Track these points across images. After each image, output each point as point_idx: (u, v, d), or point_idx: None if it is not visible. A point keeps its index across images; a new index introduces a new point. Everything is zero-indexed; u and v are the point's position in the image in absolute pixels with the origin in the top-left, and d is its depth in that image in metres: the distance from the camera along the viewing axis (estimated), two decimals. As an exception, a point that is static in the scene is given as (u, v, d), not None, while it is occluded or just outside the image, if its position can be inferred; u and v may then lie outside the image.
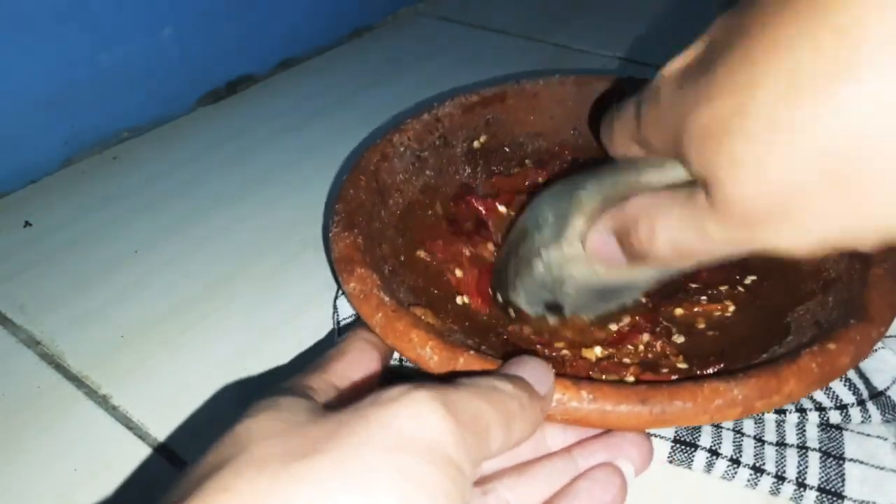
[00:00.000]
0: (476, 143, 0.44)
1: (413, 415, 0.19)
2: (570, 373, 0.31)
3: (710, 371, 0.30)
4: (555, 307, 0.33)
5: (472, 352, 0.26)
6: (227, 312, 0.41)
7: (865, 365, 0.32)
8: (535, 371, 0.24)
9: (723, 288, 0.36)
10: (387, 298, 0.29)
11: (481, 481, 0.25)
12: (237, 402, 0.35)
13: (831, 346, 0.26)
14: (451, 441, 0.19)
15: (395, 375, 0.26)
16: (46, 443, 0.34)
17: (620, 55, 0.68)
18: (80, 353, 0.38)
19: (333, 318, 0.38)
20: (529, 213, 0.33)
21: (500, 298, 0.35)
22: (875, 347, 0.32)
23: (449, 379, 0.22)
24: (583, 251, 0.29)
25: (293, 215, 0.48)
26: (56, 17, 0.50)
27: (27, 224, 0.48)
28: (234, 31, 0.63)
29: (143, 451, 0.33)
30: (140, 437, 0.34)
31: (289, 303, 0.41)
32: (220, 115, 0.61)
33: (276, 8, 0.66)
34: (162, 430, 0.34)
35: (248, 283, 0.43)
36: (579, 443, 0.26)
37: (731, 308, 0.35)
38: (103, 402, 0.36)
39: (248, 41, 0.65)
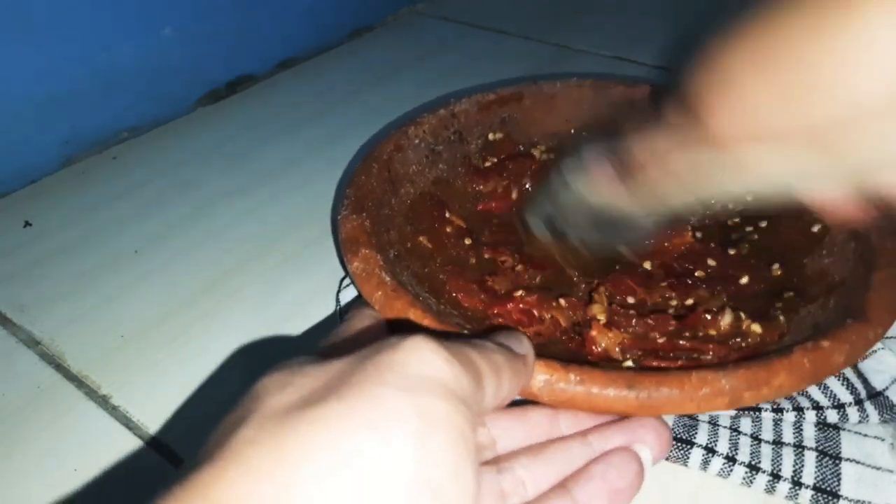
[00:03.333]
0: (491, 136, 0.44)
1: (420, 357, 0.19)
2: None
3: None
4: (557, 229, 0.36)
5: (465, 332, 0.27)
6: (227, 312, 0.41)
7: (864, 365, 0.32)
8: (508, 335, 0.25)
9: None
10: (387, 278, 0.30)
11: (496, 460, 0.25)
12: (236, 401, 0.35)
13: (825, 343, 0.26)
14: (456, 381, 0.20)
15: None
16: (46, 443, 0.34)
17: (620, 55, 0.68)
18: (80, 353, 0.38)
19: (336, 310, 0.38)
20: (571, 151, 0.36)
21: (520, 217, 0.39)
22: (875, 348, 0.32)
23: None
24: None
25: (293, 215, 0.48)
26: (56, 17, 0.50)
27: (27, 224, 0.48)
28: (234, 31, 0.63)
29: (142, 451, 0.33)
30: (140, 436, 0.34)
31: (290, 301, 0.41)
32: (220, 115, 0.62)
33: (276, 8, 0.66)
34: (162, 429, 0.34)
35: (248, 282, 0.43)
36: (595, 427, 0.26)
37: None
38: (103, 402, 0.36)
39: (248, 41, 0.65)
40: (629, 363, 0.31)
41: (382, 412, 0.18)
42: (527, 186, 0.42)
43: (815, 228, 0.36)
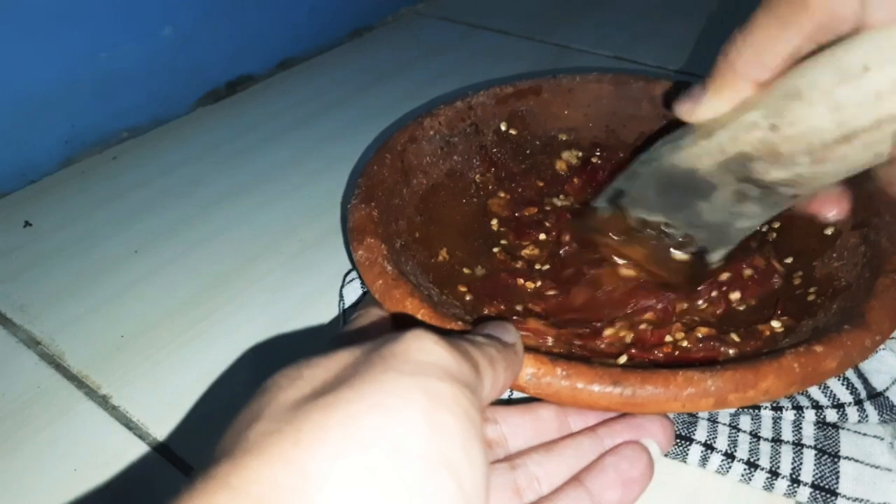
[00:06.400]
0: (503, 126, 0.44)
1: (422, 347, 0.20)
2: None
3: None
4: (617, 196, 0.35)
5: (460, 322, 0.28)
6: (228, 312, 0.41)
7: (865, 365, 0.32)
8: (496, 326, 0.25)
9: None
10: (389, 268, 0.31)
11: (509, 458, 0.26)
12: (237, 401, 0.35)
13: (818, 348, 0.26)
14: (458, 368, 0.20)
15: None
16: (46, 443, 0.34)
17: (620, 55, 0.68)
18: (80, 353, 0.38)
19: (339, 305, 0.38)
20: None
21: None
22: (875, 349, 0.32)
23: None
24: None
25: (293, 215, 0.49)
26: (56, 17, 0.50)
27: (27, 224, 0.48)
28: (234, 31, 0.63)
29: (143, 451, 0.33)
30: (140, 437, 0.34)
31: (290, 302, 0.41)
32: (220, 115, 0.62)
33: (276, 8, 0.66)
34: (162, 430, 0.34)
35: (248, 282, 0.43)
36: (604, 423, 0.27)
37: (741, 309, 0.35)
38: (103, 402, 0.36)
39: (248, 41, 0.65)
40: (623, 359, 0.31)
41: (391, 393, 0.19)
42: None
43: (829, 231, 0.36)
